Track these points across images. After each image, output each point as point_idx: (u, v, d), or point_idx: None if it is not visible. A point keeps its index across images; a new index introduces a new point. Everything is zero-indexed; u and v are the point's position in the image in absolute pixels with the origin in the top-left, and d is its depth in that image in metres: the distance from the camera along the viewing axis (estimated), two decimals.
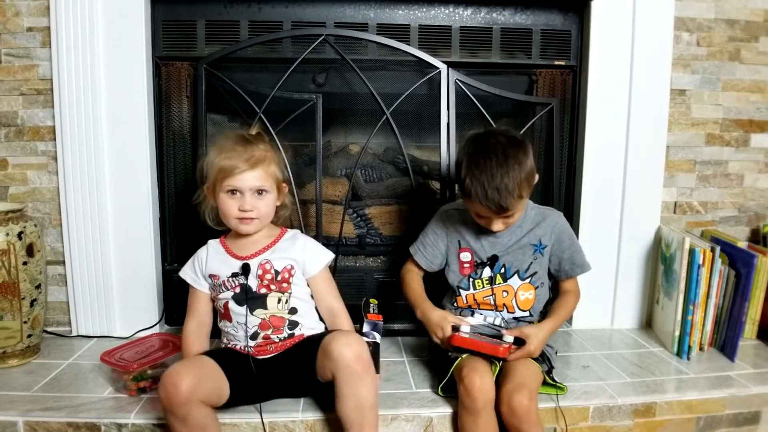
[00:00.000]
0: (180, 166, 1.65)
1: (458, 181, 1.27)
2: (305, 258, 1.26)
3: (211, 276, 1.24)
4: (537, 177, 1.27)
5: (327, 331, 1.26)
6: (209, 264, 1.25)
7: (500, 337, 1.26)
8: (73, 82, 1.49)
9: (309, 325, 1.26)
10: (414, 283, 1.41)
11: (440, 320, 1.28)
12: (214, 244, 1.29)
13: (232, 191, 1.19)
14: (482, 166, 1.20)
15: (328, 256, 1.30)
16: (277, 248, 1.25)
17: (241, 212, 1.19)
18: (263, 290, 1.22)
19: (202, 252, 1.28)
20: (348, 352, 1.07)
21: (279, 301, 1.22)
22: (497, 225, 1.26)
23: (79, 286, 1.57)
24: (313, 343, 1.18)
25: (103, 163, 1.53)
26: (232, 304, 1.21)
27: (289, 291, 1.23)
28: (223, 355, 1.19)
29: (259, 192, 1.20)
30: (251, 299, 1.20)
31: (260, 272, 1.22)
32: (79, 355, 1.48)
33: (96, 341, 1.57)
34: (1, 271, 1.35)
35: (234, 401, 1.14)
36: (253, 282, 1.21)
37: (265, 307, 1.21)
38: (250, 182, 1.18)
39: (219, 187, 1.20)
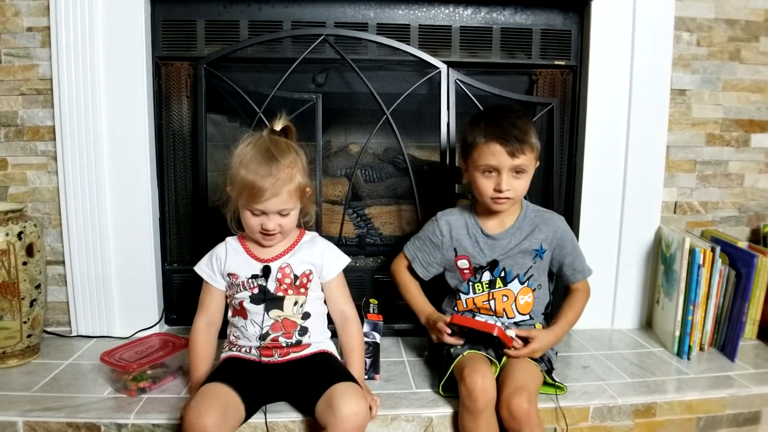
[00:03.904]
0: (180, 166, 1.64)
1: (464, 149, 1.31)
2: (323, 262, 1.26)
3: (229, 275, 1.23)
4: (538, 163, 1.32)
5: (334, 364, 1.22)
6: (228, 263, 1.23)
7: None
8: (73, 82, 1.49)
9: (317, 333, 1.25)
10: (411, 286, 1.43)
11: (439, 320, 1.31)
12: (232, 243, 1.27)
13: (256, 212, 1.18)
14: (494, 115, 1.28)
15: (345, 260, 1.30)
16: (297, 251, 1.25)
17: (264, 230, 1.18)
18: (280, 293, 1.21)
19: (220, 250, 1.26)
20: (353, 420, 1.03)
21: (295, 303, 1.22)
22: (507, 181, 1.24)
23: (78, 286, 1.57)
24: (322, 373, 1.16)
25: (103, 163, 1.53)
26: (248, 303, 1.21)
27: (306, 295, 1.23)
28: (232, 374, 1.15)
29: (283, 213, 1.18)
30: (269, 300, 1.20)
31: (280, 276, 1.21)
32: (78, 355, 1.48)
33: (96, 341, 1.56)
34: (1, 271, 1.35)
35: (247, 417, 1.13)
36: (271, 284, 1.21)
37: (281, 309, 1.21)
38: (275, 207, 1.16)
39: (242, 203, 1.18)
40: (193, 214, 1.64)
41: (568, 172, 1.71)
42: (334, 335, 1.30)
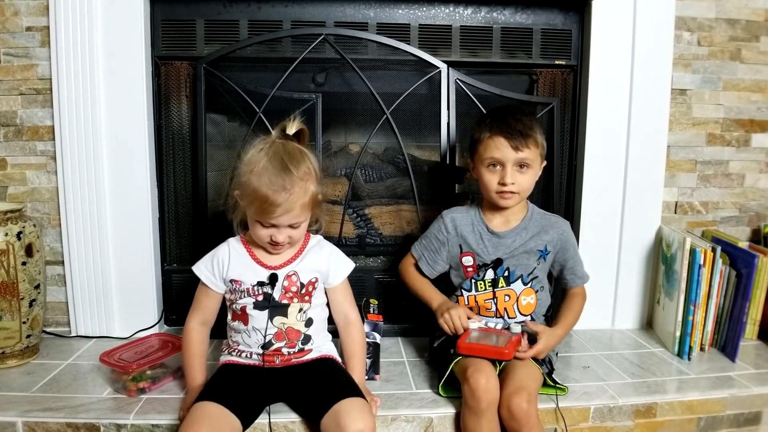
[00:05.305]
0: (179, 166, 1.64)
1: (471, 145, 1.33)
2: (329, 269, 1.23)
3: (232, 281, 1.18)
4: (545, 162, 1.33)
5: (339, 372, 1.21)
6: (231, 268, 1.18)
7: (508, 328, 1.27)
8: (72, 81, 1.48)
9: (319, 338, 1.24)
10: (420, 279, 1.43)
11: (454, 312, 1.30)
12: (236, 245, 1.21)
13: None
14: (500, 112, 1.31)
15: (351, 266, 1.27)
16: (304, 257, 1.21)
17: (273, 241, 1.14)
18: (285, 301, 1.18)
19: (222, 252, 1.20)
20: None
21: (300, 310, 1.20)
22: (511, 175, 1.26)
23: (78, 287, 1.57)
24: (326, 383, 1.15)
25: (103, 163, 1.52)
26: (251, 309, 1.18)
27: (310, 303, 1.21)
28: (227, 388, 1.13)
29: (294, 226, 1.14)
30: (273, 307, 1.17)
31: (286, 284, 1.18)
32: (78, 355, 1.48)
33: (95, 341, 1.56)
34: (0, 272, 1.35)
35: (246, 426, 1.11)
36: (276, 292, 1.17)
37: (285, 316, 1.18)
38: (287, 222, 1.11)
39: (251, 214, 1.13)
40: (193, 214, 1.64)
41: (569, 171, 1.71)
42: (334, 335, 1.29)
